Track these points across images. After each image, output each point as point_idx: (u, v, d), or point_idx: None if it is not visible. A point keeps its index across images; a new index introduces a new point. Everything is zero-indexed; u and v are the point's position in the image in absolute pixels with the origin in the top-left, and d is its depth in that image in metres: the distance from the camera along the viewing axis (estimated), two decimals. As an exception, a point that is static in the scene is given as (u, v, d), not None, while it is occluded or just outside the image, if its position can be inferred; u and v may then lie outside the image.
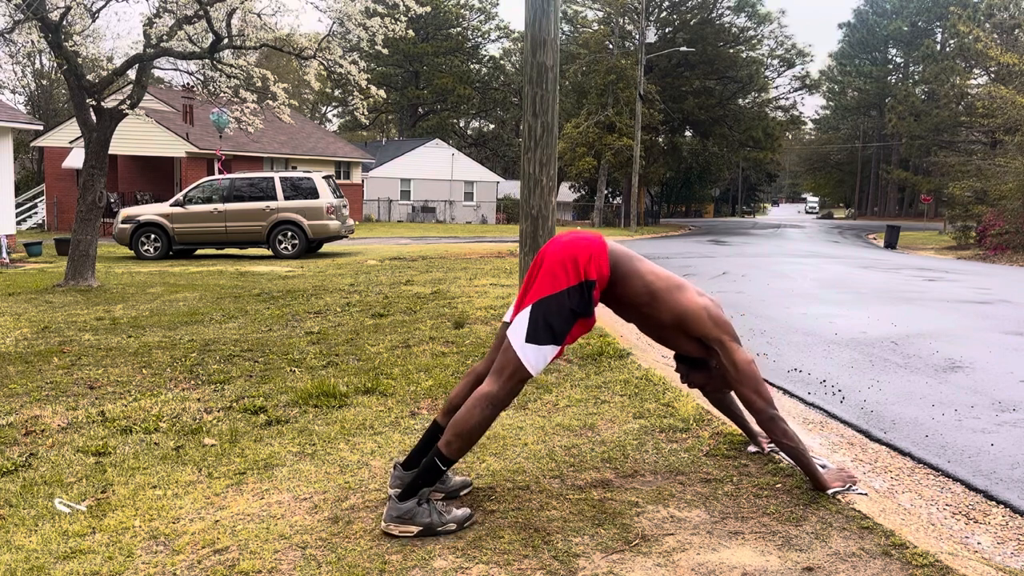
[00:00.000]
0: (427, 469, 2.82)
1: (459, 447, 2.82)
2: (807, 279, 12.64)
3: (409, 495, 2.77)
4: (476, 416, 2.82)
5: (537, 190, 7.05)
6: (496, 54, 61.24)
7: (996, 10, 41.61)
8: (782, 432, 3.04)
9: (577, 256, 2.87)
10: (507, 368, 2.85)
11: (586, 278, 2.85)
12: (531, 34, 6.97)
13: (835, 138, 78.91)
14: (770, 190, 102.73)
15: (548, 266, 2.88)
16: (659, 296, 3.01)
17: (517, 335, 2.85)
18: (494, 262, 15.06)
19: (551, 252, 2.91)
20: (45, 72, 44.27)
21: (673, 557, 2.56)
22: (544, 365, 2.88)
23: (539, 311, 2.85)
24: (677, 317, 3.03)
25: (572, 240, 2.93)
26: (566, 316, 2.85)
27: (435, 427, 3.10)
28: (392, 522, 2.75)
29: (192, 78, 17.06)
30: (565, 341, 2.89)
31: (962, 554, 2.67)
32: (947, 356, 5.99)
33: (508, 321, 3.01)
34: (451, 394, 3.13)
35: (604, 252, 2.92)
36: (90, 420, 4.26)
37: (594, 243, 2.92)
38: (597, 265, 2.88)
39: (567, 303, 2.84)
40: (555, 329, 2.84)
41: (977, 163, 28.43)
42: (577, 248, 2.89)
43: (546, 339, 2.84)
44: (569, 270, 2.85)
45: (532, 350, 2.83)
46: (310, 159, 33.42)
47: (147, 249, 17.13)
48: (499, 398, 2.85)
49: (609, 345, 5.79)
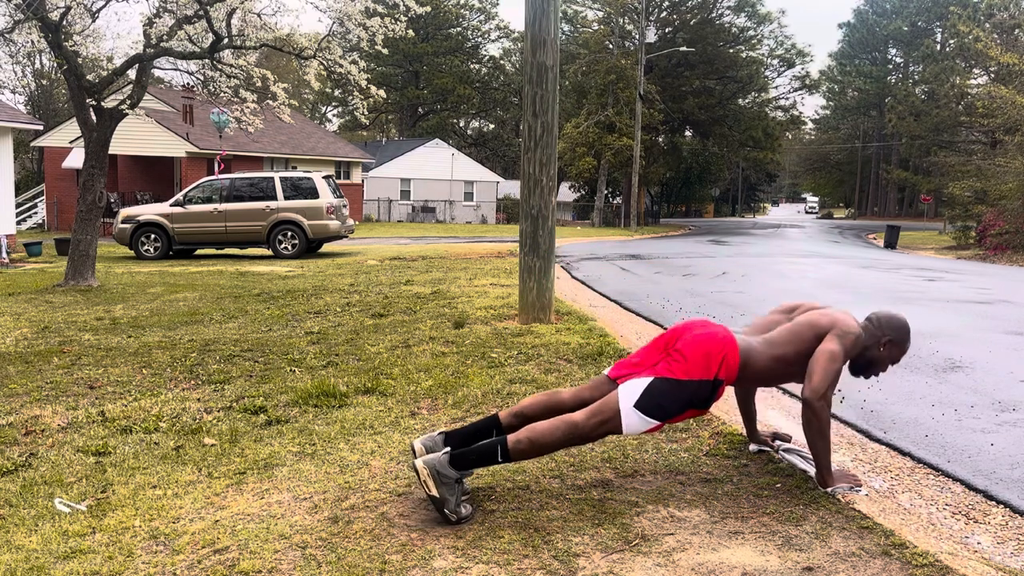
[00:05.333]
0: (486, 452, 2.92)
1: (526, 451, 2.93)
2: (807, 279, 12.64)
3: (460, 464, 2.87)
4: (556, 435, 2.93)
5: (537, 190, 7.06)
6: (496, 54, 61.28)
7: (996, 10, 41.59)
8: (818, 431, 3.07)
9: (712, 352, 2.98)
10: (604, 415, 2.96)
11: (715, 377, 2.98)
12: (531, 34, 6.97)
13: (835, 138, 78.90)
14: (770, 190, 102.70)
15: (684, 350, 3.00)
16: (790, 359, 3.14)
17: (628, 396, 2.96)
18: (494, 262, 15.06)
19: (691, 338, 3.02)
20: (45, 72, 44.28)
21: (673, 557, 2.56)
22: (637, 432, 3.01)
23: (660, 387, 2.96)
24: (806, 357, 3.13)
25: (710, 335, 3.04)
26: (682, 404, 2.97)
27: (494, 420, 3.16)
28: (430, 470, 2.82)
29: (192, 78, 17.08)
30: (669, 421, 3.00)
31: (962, 554, 2.67)
32: (947, 356, 5.99)
33: (609, 375, 3.14)
34: (524, 401, 3.24)
35: (736, 353, 3.04)
36: (90, 420, 4.26)
37: (729, 343, 3.04)
38: (727, 366, 3.01)
39: (688, 394, 2.96)
40: (666, 410, 2.96)
41: (977, 163, 28.42)
42: (713, 344, 3.00)
43: (654, 414, 2.96)
44: (702, 364, 2.97)
45: (636, 416, 2.95)
46: (310, 159, 33.42)
47: (147, 249, 17.13)
48: (582, 433, 2.96)
49: (609, 345, 5.80)
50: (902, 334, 3.21)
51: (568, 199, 55.88)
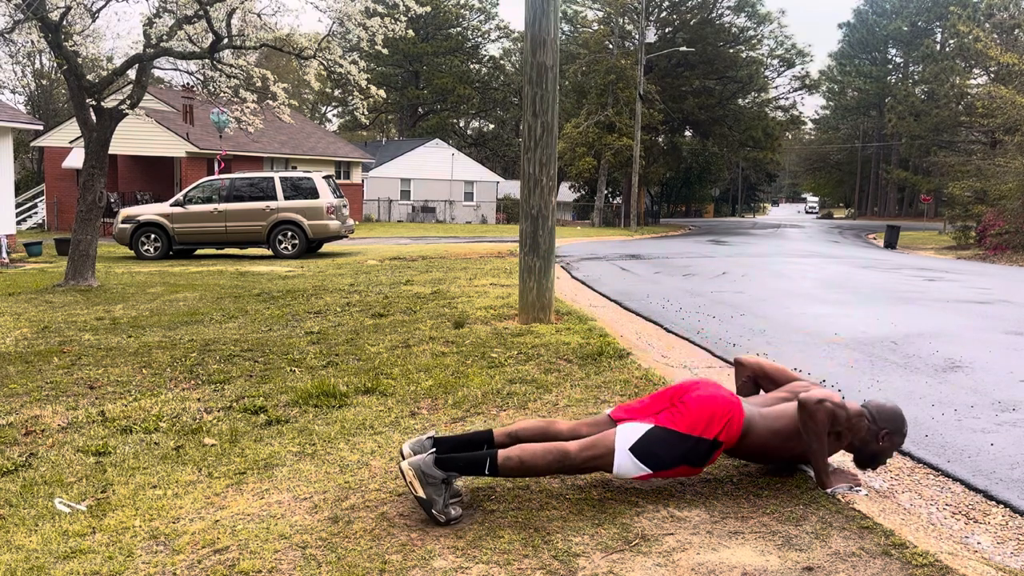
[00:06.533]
0: (475, 462, 2.95)
1: (514, 469, 2.95)
2: (807, 279, 12.64)
3: (446, 466, 2.88)
4: (546, 460, 2.96)
5: (537, 190, 7.06)
6: (496, 54, 61.29)
7: (996, 10, 41.59)
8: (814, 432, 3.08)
9: (717, 413, 3.00)
10: (597, 450, 2.98)
11: (716, 438, 3.00)
12: (531, 34, 6.97)
13: (835, 138, 78.91)
14: (770, 190, 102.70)
15: (691, 404, 3.01)
16: (784, 435, 3.14)
17: (625, 438, 2.98)
18: (494, 262, 15.06)
19: (699, 396, 3.04)
20: (45, 72, 44.29)
21: (673, 557, 2.56)
22: (626, 477, 3.02)
23: (659, 436, 2.98)
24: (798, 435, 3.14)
25: (719, 397, 3.06)
26: (677, 457, 2.99)
27: (488, 434, 3.19)
28: (415, 471, 2.84)
29: (192, 78, 17.07)
30: (660, 473, 3.01)
31: (962, 554, 2.67)
32: (947, 356, 5.99)
33: (610, 416, 3.16)
34: (521, 423, 3.26)
35: (741, 419, 3.05)
36: (90, 420, 4.26)
37: (736, 408, 3.05)
38: (730, 430, 3.02)
39: (685, 448, 2.98)
40: (660, 460, 2.98)
41: (977, 163, 28.41)
42: (720, 406, 3.02)
43: (647, 461, 2.97)
44: (706, 422, 2.98)
45: (629, 460, 2.97)
46: (310, 159, 33.42)
47: (147, 249, 17.13)
48: (571, 464, 2.99)
49: (609, 345, 5.79)
50: (898, 424, 3.24)
51: (568, 199, 55.89)
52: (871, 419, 3.23)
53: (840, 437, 3.14)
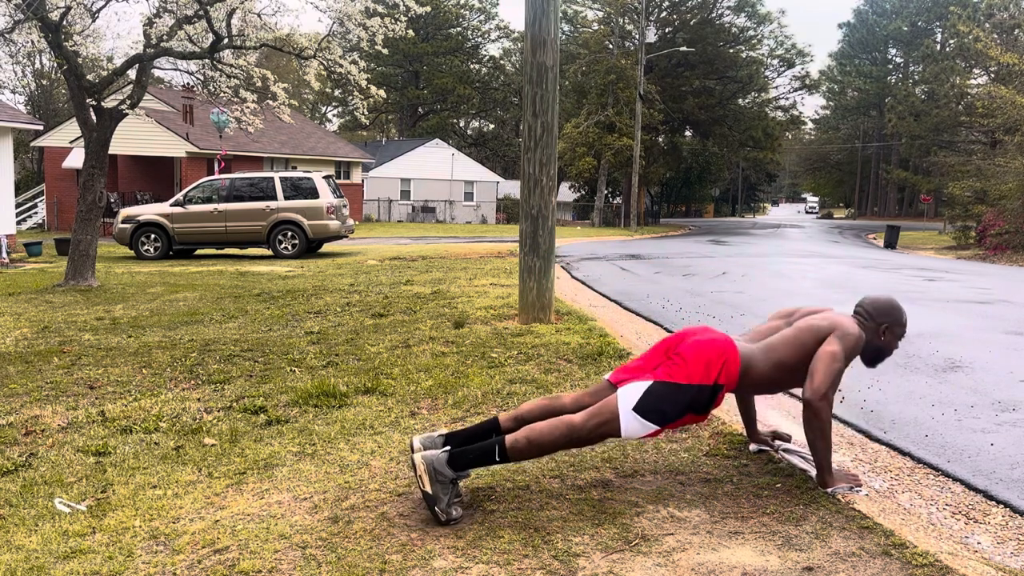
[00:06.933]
0: (484, 452, 2.93)
1: (524, 450, 2.93)
2: (807, 279, 12.64)
3: (457, 464, 2.87)
4: (554, 436, 2.93)
5: (537, 190, 7.06)
6: (496, 54, 61.28)
7: (996, 10, 41.58)
8: (819, 430, 3.07)
9: (712, 357, 2.99)
10: (603, 416, 2.96)
11: (715, 382, 2.99)
12: (531, 34, 6.97)
13: (835, 138, 78.89)
14: (770, 190, 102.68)
15: (685, 354, 3.01)
16: (789, 364, 3.14)
17: (627, 399, 2.96)
18: (494, 262, 15.06)
19: (691, 343, 3.03)
20: (45, 72, 44.28)
21: (673, 557, 2.56)
22: (637, 437, 3.00)
23: (659, 391, 2.96)
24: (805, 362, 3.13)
25: (711, 340, 3.05)
26: (681, 408, 2.97)
27: (494, 422, 3.17)
28: (427, 466, 2.83)
29: (192, 78, 17.06)
30: (668, 426, 3.00)
31: (962, 554, 2.67)
32: (947, 356, 5.99)
33: (610, 380, 3.14)
34: (525, 405, 3.24)
35: (737, 359, 3.05)
36: (90, 420, 4.26)
37: (729, 349, 3.04)
38: (728, 372, 3.01)
39: (688, 398, 2.96)
40: (665, 414, 2.96)
41: (977, 163, 28.40)
42: (713, 350, 3.01)
43: (653, 418, 2.96)
44: (702, 368, 2.97)
45: (635, 420, 2.95)
46: (310, 159, 33.42)
47: (147, 249, 17.13)
48: (580, 435, 2.96)
49: (609, 345, 5.79)
50: (895, 315, 3.25)
51: (568, 199, 55.88)
52: (867, 316, 3.24)
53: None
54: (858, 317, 3.28)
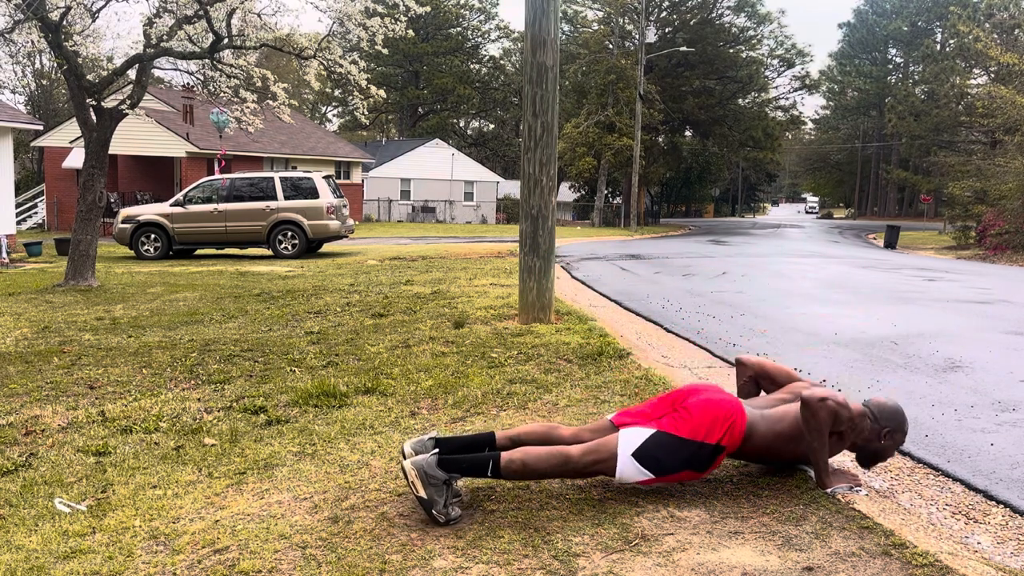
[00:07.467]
0: (477, 464, 2.95)
1: (517, 471, 2.95)
2: (807, 279, 12.64)
3: (448, 468, 2.88)
4: (549, 463, 2.96)
5: (537, 190, 7.06)
6: (496, 54, 61.28)
7: (996, 10, 41.59)
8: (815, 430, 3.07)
9: (719, 417, 3.00)
10: (600, 455, 2.98)
11: (718, 443, 2.99)
12: (531, 34, 6.97)
13: (835, 138, 78.90)
14: (770, 190, 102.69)
15: (692, 409, 3.01)
16: (786, 436, 3.13)
17: (628, 443, 2.98)
18: (494, 262, 15.06)
19: (701, 400, 3.04)
20: (45, 72, 44.28)
21: (673, 557, 2.56)
22: (629, 482, 3.02)
23: (661, 441, 2.98)
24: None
25: (721, 401, 3.05)
26: (679, 463, 2.99)
27: (490, 437, 3.18)
28: (418, 471, 2.84)
29: (192, 78, 17.06)
30: (662, 479, 3.01)
31: (962, 554, 2.67)
32: (947, 356, 5.99)
33: (612, 421, 3.15)
34: (523, 427, 3.26)
35: (744, 423, 3.05)
36: (90, 420, 4.26)
37: (738, 412, 3.05)
38: (732, 434, 3.02)
39: (688, 453, 2.98)
40: (663, 465, 2.98)
41: (977, 163, 28.40)
42: (722, 410, 3.02)
43: (650, 466, 2.97)
44: (708, 426, 2.98)
45: (632, 464, 2.97)
46: (310, 159, 33.42)
47: (147, 249, 17.14)
48: (574, 468, 2.99)
49: (609, 345, 5.79)
50: (899, 422, 3.24)
51: (568, 199, 55.88)
52: (873, 418, 3.23)
53: (843, 437, 3.14)
54: (864, 409, 3.29)
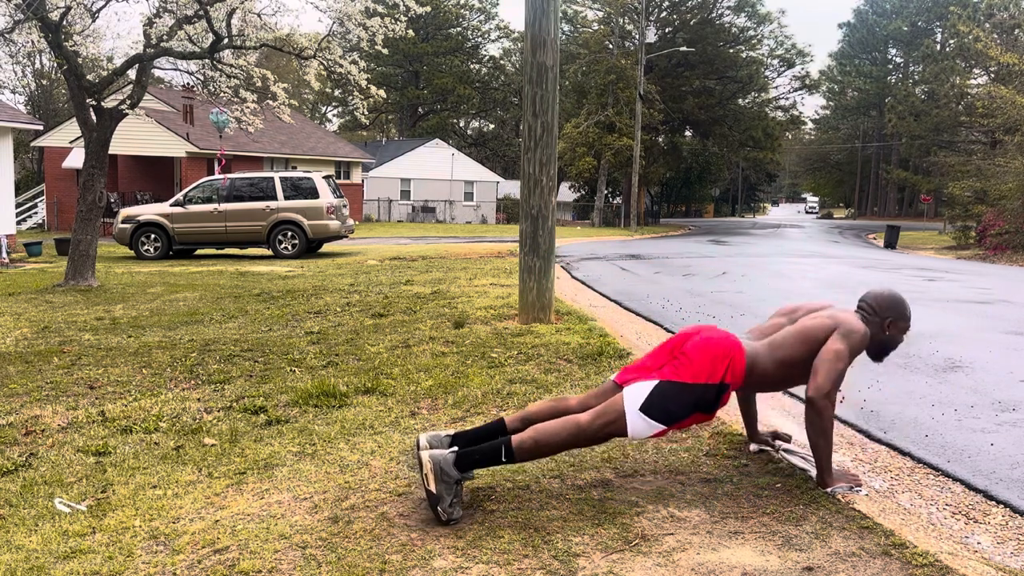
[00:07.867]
0: (490, 452, 2.93)
1: (530, 450, 2.94)
2: (807, 279, 12.64)
3: (463, 465, 2.88)
4: (561, 436, 2.94)
5: (537, 190, 7.06)
6: (496, 54, 61.28)
7: (996, 10, 41.58)
8: (821, 430, 3.07)
9: (718, 356, 3.00)
10: (609, 416, 2.96)
11: (722, 381, 2.98)
12: (531, 34, 6.97)
13: (835, 138, 78.89)
14: (770, 190, 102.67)
15: (691, 353, 3.01)
16: (793, 361, 3.14)
17: (633, 399, 2.96)
18: (494, 262, 15.06)
19: (697, 342, 3.03)
20: (45, 72, 44.29)
21: (673, 557, 2.56)
22: (643, 437, 3.00)
23: (665, 390, 2.96)
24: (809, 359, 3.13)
25: (716, 339, 3.05)
26: (687, 408, 2.98)
27: (500, 423, 3.17)
28: (435, 465, 2.83)
29: (192, 78, 17.06)
30: (675, 426, 3.00)
31: (962, 554, 2.67)
32: (947, 356, 5.99)
33: (615, 380, 3.13)
34: (531, 406, 3.25)
35: (742, 357, 3.05)
36: (90, 420, 4.26)
37: (735, 347, 3.05)
38: (734, 370, 3.02)
39: (694, 397, 2.97)
40: (671, 413, 2.97)
41: (977, 163, 28.39)
42: (719, 348, 3.02)
43: (659, 418, 2.96)
44: (708, 367, 2.98)
45: (641, 420, 2.95)
46: (310, 159, 33.41)
47: (147, 249, 17.14)
48: (587, 435, 2.97)
49: (609, 345, 5.79)
50: (899, 308, 3.25)
51: (568, 199, 55.88)
52: (872, 311, 3.23)
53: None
54: (862, 312, 3.28)
